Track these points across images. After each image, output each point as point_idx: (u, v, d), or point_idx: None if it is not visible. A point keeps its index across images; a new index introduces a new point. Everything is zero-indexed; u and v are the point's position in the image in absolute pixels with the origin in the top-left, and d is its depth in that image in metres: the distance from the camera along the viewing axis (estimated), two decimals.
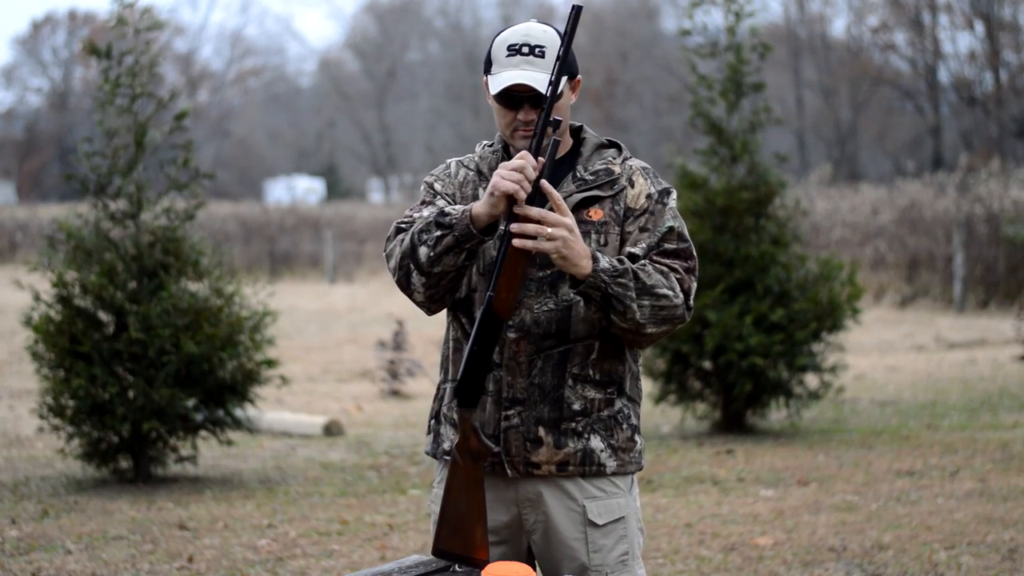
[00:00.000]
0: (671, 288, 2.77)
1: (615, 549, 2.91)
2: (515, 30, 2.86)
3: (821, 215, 20.99)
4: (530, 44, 2.83)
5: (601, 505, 2.89)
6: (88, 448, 7.51)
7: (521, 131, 2.85)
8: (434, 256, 2.76)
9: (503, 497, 2.90)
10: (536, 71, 2.80)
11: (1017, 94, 37.54)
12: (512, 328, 2.82)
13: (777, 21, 42.69)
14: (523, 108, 2.83)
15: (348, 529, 6.44)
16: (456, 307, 2.92)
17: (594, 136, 2.97)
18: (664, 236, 2.84)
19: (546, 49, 2.83)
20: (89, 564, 5.75)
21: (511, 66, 2.82)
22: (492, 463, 2.86)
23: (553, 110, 2.78)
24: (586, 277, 2.70)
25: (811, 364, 8.94)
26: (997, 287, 18.32)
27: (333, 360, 14.27)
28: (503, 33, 2.88)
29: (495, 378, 2.84)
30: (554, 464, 2.85)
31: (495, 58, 2.85)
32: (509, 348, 2.82)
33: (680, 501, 6.92)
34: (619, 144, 2.97)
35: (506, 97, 2.83)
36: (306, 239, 29.07)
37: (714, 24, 9.41)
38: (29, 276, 7.73)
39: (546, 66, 2.81)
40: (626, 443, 2.90)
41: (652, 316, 2.75)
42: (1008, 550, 5.69)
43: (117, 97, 7.65)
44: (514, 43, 2.84)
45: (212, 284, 7.68)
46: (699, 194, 9.04)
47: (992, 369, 12.19)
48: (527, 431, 2.84)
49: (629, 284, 2.72)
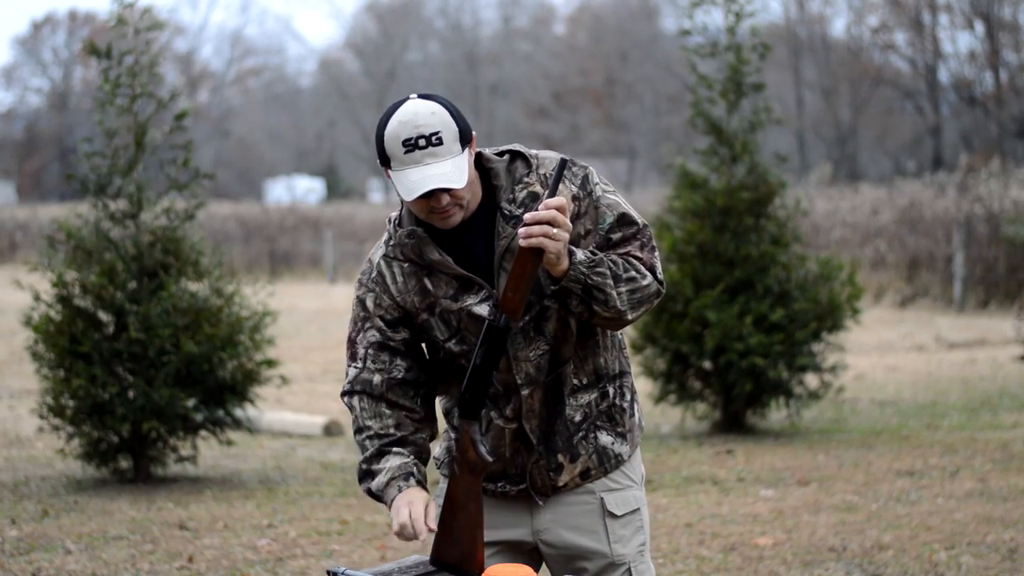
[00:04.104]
0: (637, 271, 2.78)
1: (634, 539, 2.95)
2: (402, 122, 2.72)
3: (821, 215, 20.99)
4: (424, 135, 2.71)
5: (618, 496, 2.93)
6: (88, 448, 7.51)
7: (438, 213, 2.76)
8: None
9: (519, 509, 2.94)
10: (439, 163, 2.70)
11: (1017, 94, 37.54)
12: (523, 385, 2.82)
13: (777, 21, 42.70)
14: (435, 197, 2.73)
15: (348, 529, 6.44)
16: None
17: (497, 161, 2.85)
18: (609, 230, 2.82)
19: (442, 133, 2.71)
20: (89, 564, 5.76)
21: (412, 163, 2.71)
22: (519, 494, 2.90)
23: (463, 189, 2.72)
24: (566, 272, 2.70)
25: (811, 364, 8.93)
26: (997, 287, 18.32)
27: (333, 360, 14.26)
28: (390, 126, 2.73)
29: (510, 431, 2.86)
30: (577, 476, 2.90)
31: (392, 155, 2.73)
32: (525, 403, 2.84)
33: (680, 501, 6.92)
34: (522, 153, 2.86)
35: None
36: (306, 239, 29.06)
37: (714, 24, 9.41)
38: (29, 276, 7.73)
39: (447, 152, 2.70)
40: (628, 421, 2.94)
41: (630, 300, 2.76)
42: (1008, 550, 5.69)
43: (117, 97, 7.65)
44: (408, 137, 2.70)
45: (212, 284, 7.68)
46: (699, 194, 9.03)
47: (992, 369, 12.19)
48: (548, 463, 2.88)
49: (606, 272, 2.73)
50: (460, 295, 2.81)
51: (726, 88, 9.12)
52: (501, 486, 2.91)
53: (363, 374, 2.88)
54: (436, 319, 2.84)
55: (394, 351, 2.87)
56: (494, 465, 2.87)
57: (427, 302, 2.83)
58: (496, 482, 2.91)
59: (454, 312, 2.82)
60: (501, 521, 2.94)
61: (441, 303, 2.82)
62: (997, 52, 37.72)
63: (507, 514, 2.94)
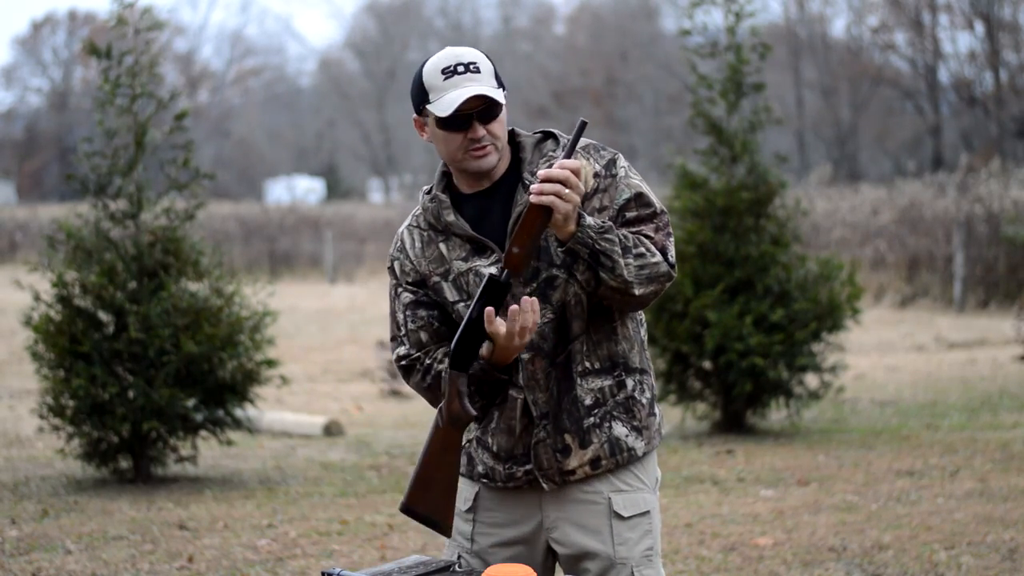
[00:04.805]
0: (647, 249, 2.78)
1: (640, 543, 2.92)
2: (440, 56, 2.81)
3: (821, 215, 20.97)
4: (463, 62, 2.78)
5: (627, 498, 2.91)
6: (88, 448, 7.51)
7: (473, 150, 2.80)
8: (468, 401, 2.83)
9: (528, 500, 2.92)
10: (479, 84, 2.76)
11: (1017, 94, 37.54)
12: (524, 349, 2.82)
13: (777, 21, 42.69)
14: (471, 127, 2.77)
15: (348, 529, 6.44)
16: None
17: (528, 136, 2.93)
18: (622, 207, 2.83)
19: (480, 64, 2.79)
20: (89, 564, 5.76)
21: (452, 86, 2.76)
22: (527, 479, 2.88)
23: (497, 123, 2.80)
24: (572, 234, 2.71)
25: (811, 364, 8.93)
26: (997, 287, 18.31)
27: (333, 360, 14.27)
28: (428, 63, 2.82)
29: (520, 402, 2.85)
30: (587, 465, 2.87)
31: (431, 86, 2.79)
32: (526, 369, 2.84)
33: (680, 501, 6.92)
34: (553, 133, 2.93)
35: (454, 119, 2.78)
36: (306, 239, 29.05)
37: (714, 24, 9.41)
38: (29, 276, 7.73)
39: (486, 80, 2.77)
40: (646, 419, 2.93)
41: (638, 275, 2.76)
42: (1008, 550, 5.69)
43: (117, 97, 7.65)
44: (447, 66, 2.78)
45: (212, 284, 7.69)
46: (699, 194, 9.03)
47: (992, 369, 12.19)
48: (555, 442, 2.86)
49: (615, 240, 2.74)
50: (471, 257, 2.85)
51: (726, 88, 9.12)
52: (508, 467, 2.88)
53: (410, 336, 2.91)
54: (449, 284, 2.87)
55: (428, 305, 2.91)
56: (503, 441, 2.87)
57: (443, 268, 2.88)
58: (504, 463, 2.89)
59: (463, 273, 2.85)
60: (511, 517, 2.93)
61: (454, 266, 2.86)
62: (997, 52, 37.71)
63: (517, 507, 2.92)
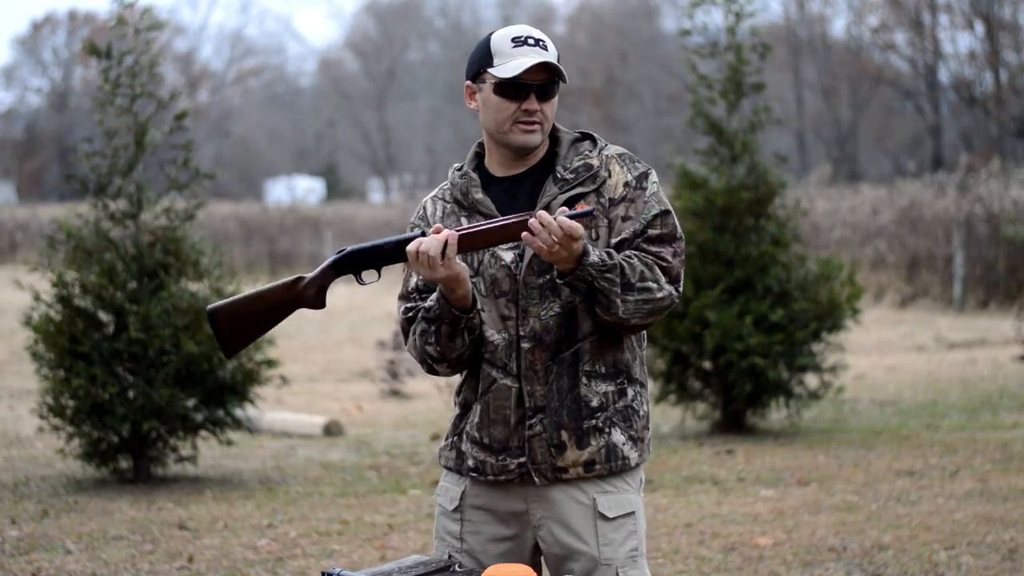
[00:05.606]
0: (655, 280, 2.80)
1: (625, 544, 2.93)
2: (512, 27, 2.87)
3: (821, 215, 20.98)
4: (534, 37, 2.85)
5: (612, 499, 2.92)
6: (88, 448, 7.51)
7: (522, 123, 2.84)
8: (442, 348, 2.84)
9: (515, 495, 2.92)
10: (545, 56, 2.82)
11: (1017, 94, 37.53)
12: (525, 338, 2.83)
13: (777, 21, 42.67)
14: (528, 98, 2.82)
15: (348, 529, 6.44)
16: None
17: (568, 133, 2.97)
18: (649, 223, 2.86)
19: (548, 44, 2.85)
20: (89, 564, 5.76)
21: (520, 54, 2.81)
22: (519, 472, 2.88)
23: (550, 105, 2.86)
24: (573, 270, 2.73)
25: (811, 364, 8.93)
26: (997, 287, 18.31)
27: (333, 360, 14.27)
28: (497, 32, 2.89)
29: (515, 391, 2.86)
30: (580, 466, 2.88)
31: (498, 51, 2.84)
32: (525, 358, 2.84)
33: (680, 501, 6.92)
34: (593, 136, 2.97)
35: (513, 85, 2.82)
36: (306, 239, 29.04)
37: (714, 24, 9.41)
38: (29, 276, 7.73)
39: (552, 59, 2.83)
40: (642, 431, 2.94)
41: (637, 310, 2.79)
42: (1008, 550, 5.69)
43: (117, 97, 7.65)
44: (518, 36, 2.84)
45: (212, 284, 7.69)
46: (699, 194, 9.03)
47: (992, 369, 12.18)
48: (550, 437, 2.86)
49: (616, 280, 2.75)
50: None
51: (726, 88, 9.12)
52: (501, 459, 2.89)
53: (420, 294, 2.94)
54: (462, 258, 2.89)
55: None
56: (497, 433, 2.87)
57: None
58: (497, 455, 2.89)
59: (479, 253, 2.88)
60: (499, 515, 2.93)
61: None
62: (997, 52, 37.69)
63: (505, 504, 2.92)
